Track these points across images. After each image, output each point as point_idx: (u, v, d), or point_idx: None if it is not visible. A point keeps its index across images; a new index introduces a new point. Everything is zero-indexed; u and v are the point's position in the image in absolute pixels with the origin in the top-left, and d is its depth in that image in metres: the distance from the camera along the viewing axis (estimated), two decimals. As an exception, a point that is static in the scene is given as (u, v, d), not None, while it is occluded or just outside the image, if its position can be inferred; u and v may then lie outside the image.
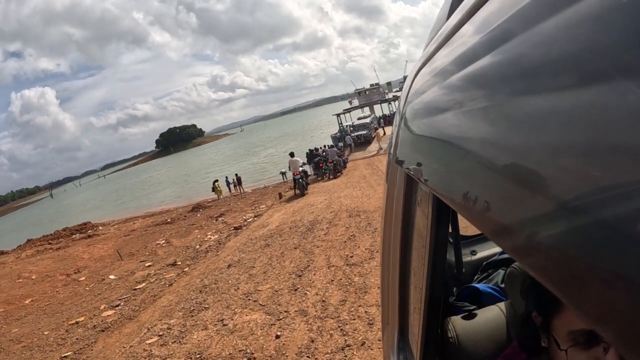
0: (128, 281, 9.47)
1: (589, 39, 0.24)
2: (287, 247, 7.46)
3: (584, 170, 0.24)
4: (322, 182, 16.96)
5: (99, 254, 15.06)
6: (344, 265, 5.75)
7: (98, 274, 11.73)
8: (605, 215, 0.22)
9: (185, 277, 7.87)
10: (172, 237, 14.63)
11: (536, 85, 0.30)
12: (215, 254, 8.97)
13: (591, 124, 0.23)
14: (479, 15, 0.47)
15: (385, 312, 1.35)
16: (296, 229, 8.76)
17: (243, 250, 8.21)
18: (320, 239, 7.38)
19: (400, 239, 1.02)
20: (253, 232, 9.75)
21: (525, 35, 0.31)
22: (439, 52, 0.65)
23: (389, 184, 1.17)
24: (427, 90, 0.67)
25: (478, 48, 0.43)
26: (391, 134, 1.16)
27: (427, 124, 0.64)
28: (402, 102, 0.94)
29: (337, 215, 9.02)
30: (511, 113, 0.33)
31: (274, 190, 20.59)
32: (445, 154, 0.51)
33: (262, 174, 31.56)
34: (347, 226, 7.80)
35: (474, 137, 0.41)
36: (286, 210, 11.75)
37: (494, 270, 1.46)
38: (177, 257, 10.55)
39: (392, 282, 1.16)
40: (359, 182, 13.89)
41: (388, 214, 1.18)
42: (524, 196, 0.30)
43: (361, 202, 9.91)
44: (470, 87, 0.44)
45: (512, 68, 0.34)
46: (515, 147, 0.32)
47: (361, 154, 23.29)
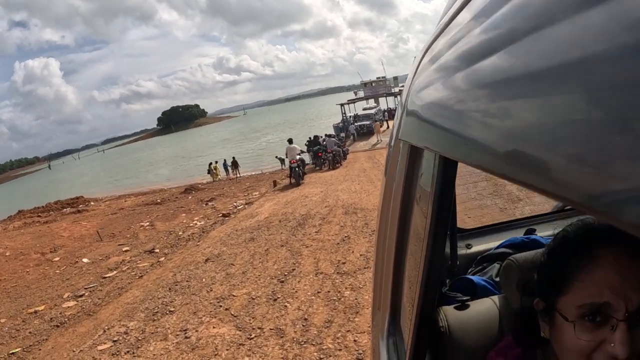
0: (100, 267, 8.68)
1: (582, 26, 0.25)
2: (273, 244, 6.64)
3: (578, 164, 0.25)
4: (319, 173, 16.13)
5: (79, 232, 14.25)
6: (334, 273, 4.94)
7: (73, 255, 10.93)
8: None
9: (159, 268, 7.08)
10: (158, 219, 13.84)
11: (532, 74, 0.30)
12: (196, 244, 8.17)
13: (584, 116, 0.24)
14: (476, 2, 0.50)
15: (377, 297, 1.34)
16: (286, 222, 7.95)
17: (225, 243, 7.40)
18: (311, 238, 6.57)
19: (398, 223, 1.02)
20: (240, 222, 8.93)
21: (520, 22, 0.33)
22: (438, 39, 0.70)
23: (387, 177, 1.18)
24: (429, 74, 0.69)
25: (473, 32, 0.46)
26: (393, 125, 1.17)
27: (431, 100, 0.65)
28: (406, 89, 0.95)
29: (332, 211, 8.20)
30: (508, 99, 0.35)
31: (270, 177, 19.93)
32: (449, 121, 0.53)
33: (259, 159, 31.17)
34: (342, 225, 6.99)
35: (471, 109, 0.44)
36: (278, 200, 10.93)
37: (489, 264, 1.44)
38: (157, 243, 9.77)
39: (387, 267, 1.16)
40: (358, 176, 13.07)
41: (386, 200, 1.17)
42: None
43: (359, 198, 9.09)
44: (465, 67, 0.47)
45: (509, 56, 0.35)
46: (510, 132, 0.34)
47: (363, 145, 23.02)
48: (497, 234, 1.66)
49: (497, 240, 1.54)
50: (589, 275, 0.62)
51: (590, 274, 0.62)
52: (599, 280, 0.61)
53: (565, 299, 0.66)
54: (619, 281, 0.59)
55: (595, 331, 0.62)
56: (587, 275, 0.62)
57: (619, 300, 0.59)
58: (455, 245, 1.50)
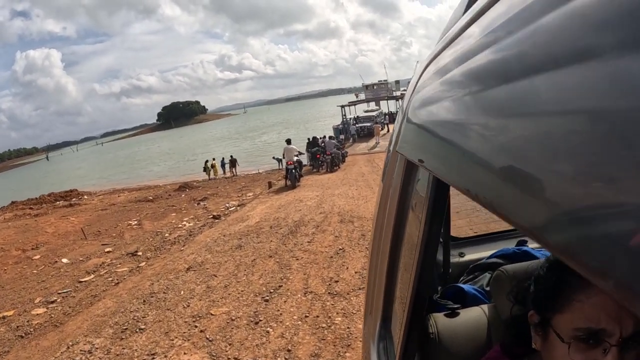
0: (78, 269, 8.16)
1: (588, 50, 0.25)
2: (261, 254, 6.12)
3: (581, 173, 0.25)
4: (316, 175, 15.61)
5: (65, 229, 13.71)
6: (325, 293, 4.42)
7: (54, 253, 10.40)
8: (598, 216, 0.23)
9: (137, 275, 6.54)
10: (147, 218, 13.32)
11: (537, 89, 0.31)
12: (180, 248, 7.64)
13: (588, 128, 0.25)
14: (485, 17, 0.50)
15: (369, 301, 1.34)
16: (277, 229, 7.43)
17: (211, 249, 6.87)
18: (302, 248, 6.04)
19: (392, 232, 1.02)
20: (229, 227, 8.40)
21: (530, 40, 0.33)
22: (445, 50, 0.68)
23: (385, 183, 1.18)
24: (432, 85, 0.69)
25: (482, 48, 0.44)
26: (392, 130, 1.15)
27: (431, 114, 0.66)
28: (407, 97, 0.95)
29: (327, 218, 7.68)
30: (512, 114, 0.35)
31: (267, 177, 19.48)
32: (446, 143, 0.53)
33: (257, 158, 30.83)
34: (337, 235, 6.47)
35: (474, 131, 0.43)
36: (272, 203, 10.40)
37: (480, 273, 1.44)
38: (141, 244, 9.24)
39: (380, 272, 1.16)
40: (356, 180, 12.56)
41: (382, 207, 1.17)
42: (519, 194, 0.32)
43: (356, 205, 8.57)
44: (473, 86, 0.46)
45: (515, 71, 0.35)
46: (513, 146, 0.33)
47: (363, 147, 22.72)
48: (490, 243, 1.67)
49: (489, 250, 1.55)
50: (588, 297, 0.61)
51: (589, 297, 0.61)
52: (598, 304, 0.60)
53: (562, 318, 0.66)
54: (617, 307, 0.59)
55: (588, 352, 0.63)
56: (586, 298, 0.62)
57: (615, 326, 0.59)
58: (448, 253, 1.54)
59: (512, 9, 0.38)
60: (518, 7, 0.37)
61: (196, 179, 25.45)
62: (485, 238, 1.72)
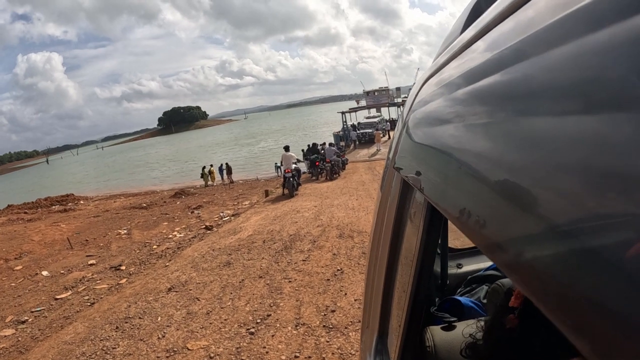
0: (57, 284, 7.58)
1: (594, 69, 0.26)
2: (250, 273, 5.54)
3: (579, 193, 0.25)
4: (315, 183, 15.06)
5: (53, 236, 13.12)
6: (320, 326, 3.83)
7: (37, 264, 9.83)
8: (597, 240, 0.23)
9: (115, 295, 5.97)
10: (138, 226, 12.78)
11: (539, 107, 0.31)
12: (166, 263, 7.07)
13: (589, 148, 0.25)
14: (492, 33, 0.49)
15: (366, 315, 1.34)
16: (271, 243, 6.86)
17: (197, 266, 6.30)
18: (296, 268, 5.47)
19: (390, 244, 1.03)
20: (219, 240, 7.83)
21: (535, 59, 0.33)
22: (449, 64, 0.67)
23: (383, 192, 1.17)
24: (433, 100, 0.68)
25: (488, 65, 0.44)
26: (392, 139, 1.15)
27: (430, 133, 0.65)
28: (407, 109, 0.95)
29: (325, 231, 7.11)
30: (512, 131, 0.34)
31: (265, 184, 19.02)
32: (444, 164, 0.52)
33: (257, 165, 30.54)
34: (335, 252, 5.89)
35: (474, 151, 0.42)
36: (267, 213, 9.82)
37: (477, 285, 1.42)
38: (126, 257, 8.68)
39: (377, 286, 1.16)
40: (356, 189, 12.01)
41: (380, 217, 1.17)
42: (517, 214, 0.31)
43: (357, 217, 8.00)
44: (475, 102, 0.45)
45: (518, 88, 0.35)
46: (513, 164, 0.33)
47: (364, 154, 22.54)
48: None
49: (487, 261, 1.53)
50: None
51: None
52: None
53: None
54: None
55: None
56: None
57: None
58: (445, 264, 1.54)
59: (519, 30, 0.39)
60: (525, 28, 0.37)
61: (194, 185, 25.09)
62: None
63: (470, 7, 0.74)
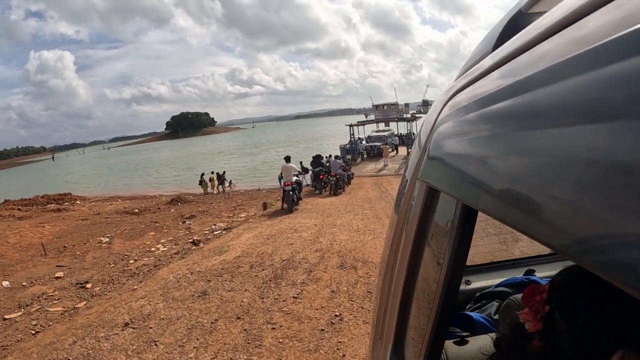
0: (13, 299, 6.56)
1: (608, 108, 0.28)
2: (227, 311, 4.47)
3: (599, 215, 0.27)
4: (318, 198, 14.02)
5: (31, 239, 12.13)
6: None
7: (3, 271, 8.82)
8: (608, 254, 0.25)
9: (66, 322, 4.93)
10: (122, 235, 11.76)
11: (565, 135, 0.33)
12: (135, 285, 6.01)
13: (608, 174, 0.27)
14: (514, 63, 0.53)
15: (378, 326, 1.31)
16: (259, 270, 5.79)
17: (167, 294, 5.24)
18: (284, 308, 4.38)
19: (409, 259, 1.01)
20: (202, 260, 6.77)
21: (559, 88, 0.35)
22: (478, 81, 0.70)
23: (399, 213, 1.15)
24: (459, 117, 0.71)
25: (516, 88, 0.46)
26: (410, 154, 1.17)
27: (459, 146, 0.66)
28: (434, 116, 0.95)
29: (324, 258, 6.05)
30: (538, 154, 0.36)
31: (266, 195, 18.02)
32: (474, 172, 0.55)
33: (261, 174, 29.83)
34: (334, 288, 4.82)
35: (500, 162, 0.45)
36: (261, 230, 8.76)
37: (488, 302, 1.41)
38: (98, 271, 7.65)
39: (394, 298, 1.14)
40: (362, 207, 10.96)
41: (397, 233, 1.15)
42: None
43: (362, 241, 6.94)
44: (500, 121, 0.48)
45: (544, 114, 0.37)
46: (533, 182, 0.36)
47: (371, 169, 21.84)
48: (497, 272, 1.64)
49: (496, 278, 1.54)
50: None
51: None
52: None
53: None
54: None
55: None
56: None
57: None
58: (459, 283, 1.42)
59: (541, 61, 0.41)
60: (547, 60, 0.40)
61: (194, 191, 24.23)
62: (492, 266, 1.70)
63: (497, 34, 0.75)
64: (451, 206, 0.76)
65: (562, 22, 0.41)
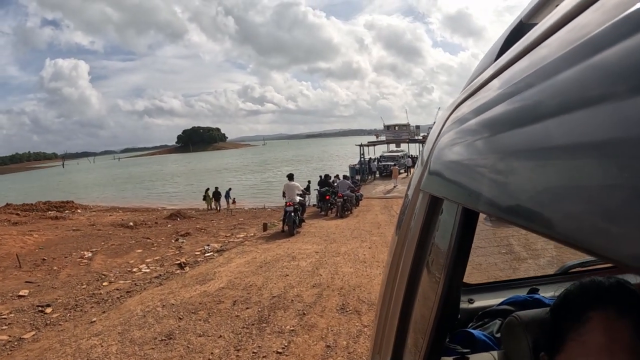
0: (-39, 321, 5.63)
1: (607, 107, 0.27)
2: (194, 365, 3.49)
3: (597, 220, 0.26)
4: (323, 220, 13.05)
5: (10, 249, 11.25)
6: None
7: (-32, 285, 7.91)
8: None
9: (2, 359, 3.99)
10: (108, 250, 10.87)
11: (565, 135, 0.32)
12: (96, 316, 5.06)
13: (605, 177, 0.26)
14: (510, 70, 0.53)
15: (377, 341, 1.28)
16: (242, 308, 4.81)
17: (127, 333, 4.28)
18: (266, 366, 3.40)
19: (409, 273, 0.99)
20: (180, 289, 5.80)
21: (558, 87, 0.35)
22: (479, 92, 0.69)
23: (401, 229, 1.12)
24: (461, 126, 0.70)
25: (514, 91, 0.47)
26: (413, 176, 1.14)
27: (460, 152, 0.66)
28: (434, 136, 0.94)
29: (322, 297, 5.05)
30: (535, 152, 0.37)
31: (270, 214, 17.13)
32: (475, 185, 0.54)
33: (268, 192, 29.19)
34: (331, 343, 3.81)
35: (497, 175, 0.45)
36: (255, 256, 7.78)
37: (490, 320, 1.38)
38: (66, 292, 6.75)
39: (393, 313, 1.12)
40: (370, 233, 9.98)
41: (398, 247, 1.13)
42: None
43: (368, 275, 5.93)
44: (499, 125, 0.48)
45: (544, 114, 0.37)
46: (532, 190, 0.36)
47: (380, 190, 21.54)
48: (500, 291, 1.61)
49: (499, 297, 1.51)
50: (580, 336, 0.62)
51: (580, 335, 0.62)
52: (588, 342, 0.61)
53: (563, 357, 0.67)
54: (608, 342, 0.59)
55: None
56: (578, 337, 0.63)
57: None
58: (458, 298, 1.52)
59: (535, 64, 0.42)
60: (540, 62, 0.41)
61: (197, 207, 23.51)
62: (495, 285, 1.66)
63: (499, 46, 0.75)
64: (452, 212, 0.74)
65: (558, 24, 0.41)
